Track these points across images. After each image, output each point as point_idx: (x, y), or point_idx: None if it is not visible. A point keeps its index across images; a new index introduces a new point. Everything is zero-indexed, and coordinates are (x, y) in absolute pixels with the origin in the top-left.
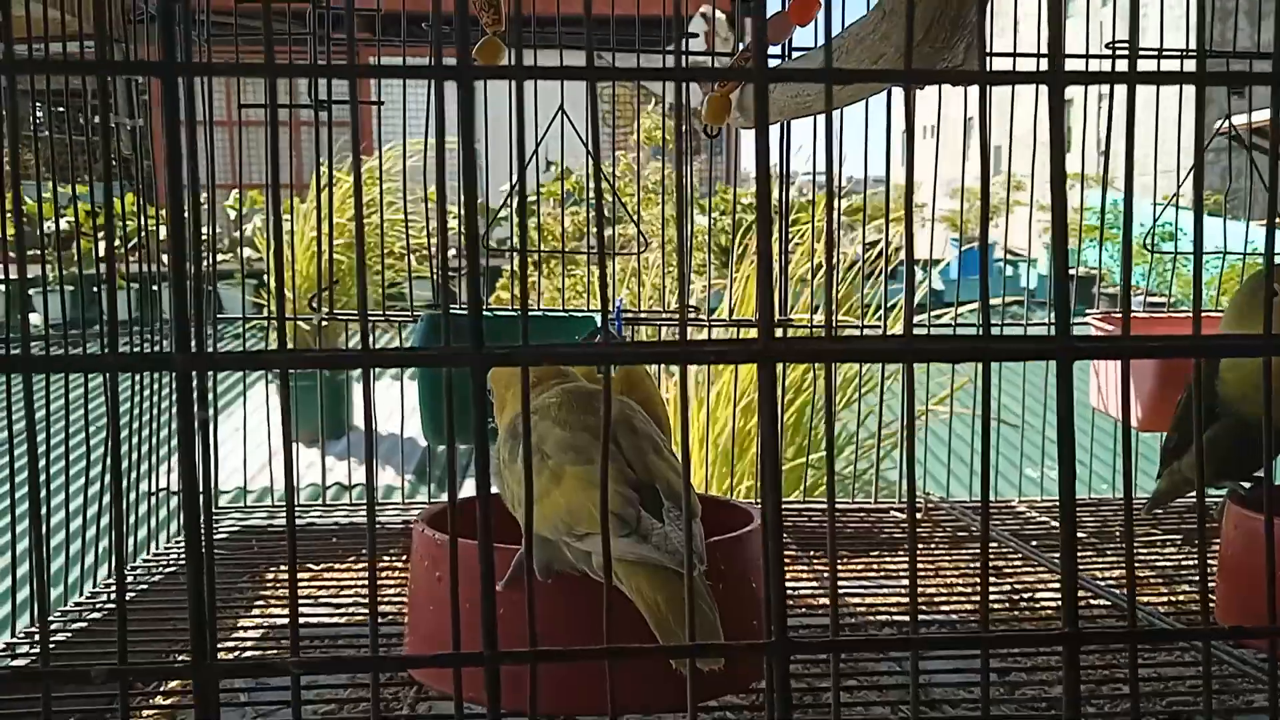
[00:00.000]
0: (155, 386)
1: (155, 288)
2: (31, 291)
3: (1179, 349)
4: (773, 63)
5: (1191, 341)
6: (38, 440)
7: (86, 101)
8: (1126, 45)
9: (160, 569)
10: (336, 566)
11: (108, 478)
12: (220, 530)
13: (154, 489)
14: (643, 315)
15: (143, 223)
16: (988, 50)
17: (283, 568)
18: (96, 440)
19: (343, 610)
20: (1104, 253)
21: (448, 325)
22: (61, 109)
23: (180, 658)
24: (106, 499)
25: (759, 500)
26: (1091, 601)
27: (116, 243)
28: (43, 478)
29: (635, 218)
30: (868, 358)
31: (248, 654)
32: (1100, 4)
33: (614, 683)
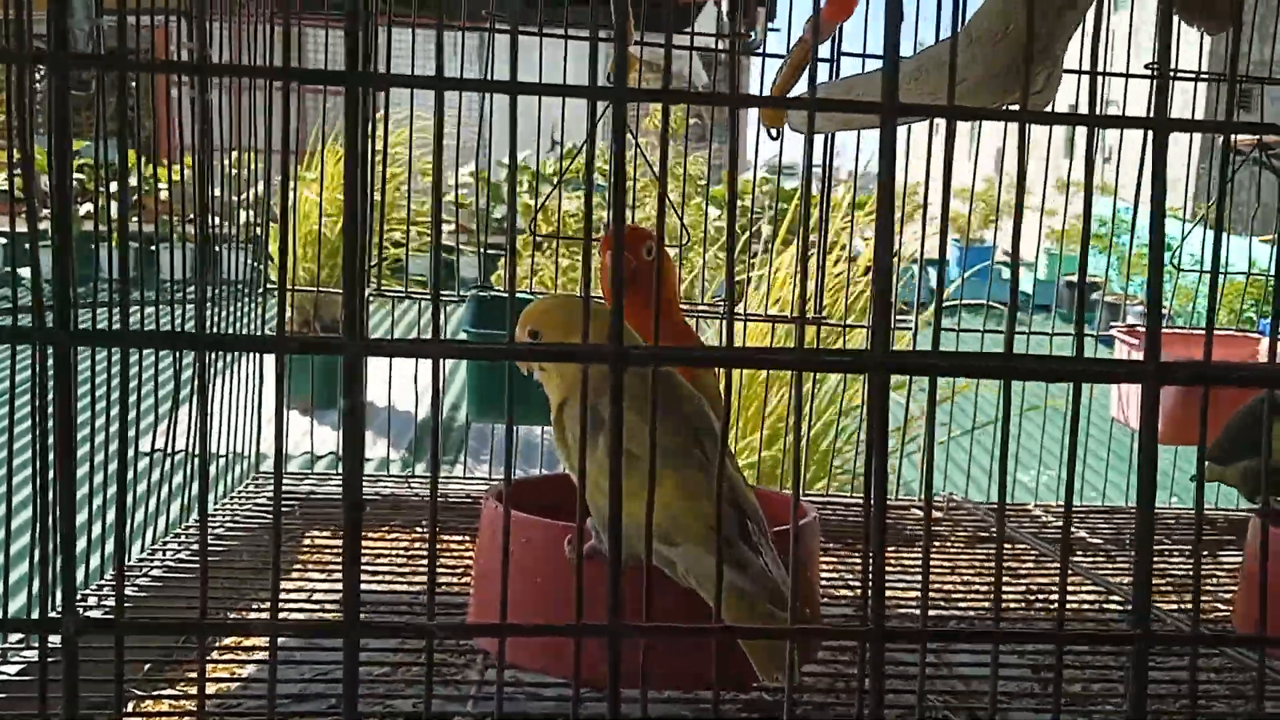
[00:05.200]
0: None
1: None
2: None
3: None
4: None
5: None
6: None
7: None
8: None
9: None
10: (371, 535)
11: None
12: (253, 497)
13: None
14: (688, 307)
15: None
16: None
17: (321, 533)
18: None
19: (379, 578)
20: (1107, 263)
21: (511, 307)
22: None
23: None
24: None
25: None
26: (1105, 602)
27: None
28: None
29: (680, 212)
30: (976, 374)
31: (300, 615)
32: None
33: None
